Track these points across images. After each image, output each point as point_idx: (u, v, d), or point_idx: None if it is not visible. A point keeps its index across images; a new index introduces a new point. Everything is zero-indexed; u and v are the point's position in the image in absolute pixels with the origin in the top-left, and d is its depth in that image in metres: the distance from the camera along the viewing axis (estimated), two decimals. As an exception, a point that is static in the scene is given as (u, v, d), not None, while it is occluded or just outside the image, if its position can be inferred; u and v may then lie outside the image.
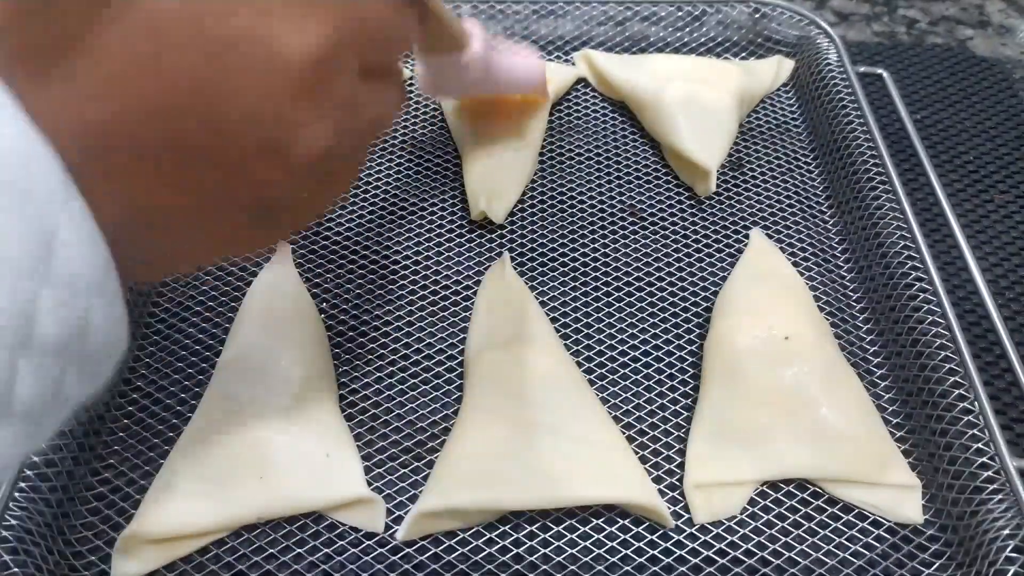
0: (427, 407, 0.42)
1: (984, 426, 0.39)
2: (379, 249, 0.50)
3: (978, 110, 0.62)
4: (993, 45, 0.70)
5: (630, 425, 0.42)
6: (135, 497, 0.38)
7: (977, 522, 0.36)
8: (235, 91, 0.21)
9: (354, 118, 0.25)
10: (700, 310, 0.47)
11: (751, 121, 0.59)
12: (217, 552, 0.37)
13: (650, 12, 0.64)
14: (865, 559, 0.37)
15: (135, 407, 0.42)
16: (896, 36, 0.71)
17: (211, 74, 0.21)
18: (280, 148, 0.23)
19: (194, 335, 0.45)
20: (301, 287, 0.47)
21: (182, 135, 0.21)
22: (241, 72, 0.21)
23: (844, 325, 0.46)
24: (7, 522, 0.35)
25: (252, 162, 0.22)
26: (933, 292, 0.44)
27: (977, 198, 0.55)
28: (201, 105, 0.21)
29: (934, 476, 0.39)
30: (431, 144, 0.57)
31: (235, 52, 0.21)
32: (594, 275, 0.49)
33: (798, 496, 0.39)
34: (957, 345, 0.42)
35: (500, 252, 0.50)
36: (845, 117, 0.55)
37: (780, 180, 0.55)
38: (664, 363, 0.44)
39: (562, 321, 0.46)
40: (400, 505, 0.39)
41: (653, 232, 0.51)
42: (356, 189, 0.54)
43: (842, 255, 0.50)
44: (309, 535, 0.38)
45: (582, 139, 0.58)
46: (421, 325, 0.46)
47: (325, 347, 0.44)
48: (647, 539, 0.38)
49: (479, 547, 0.37)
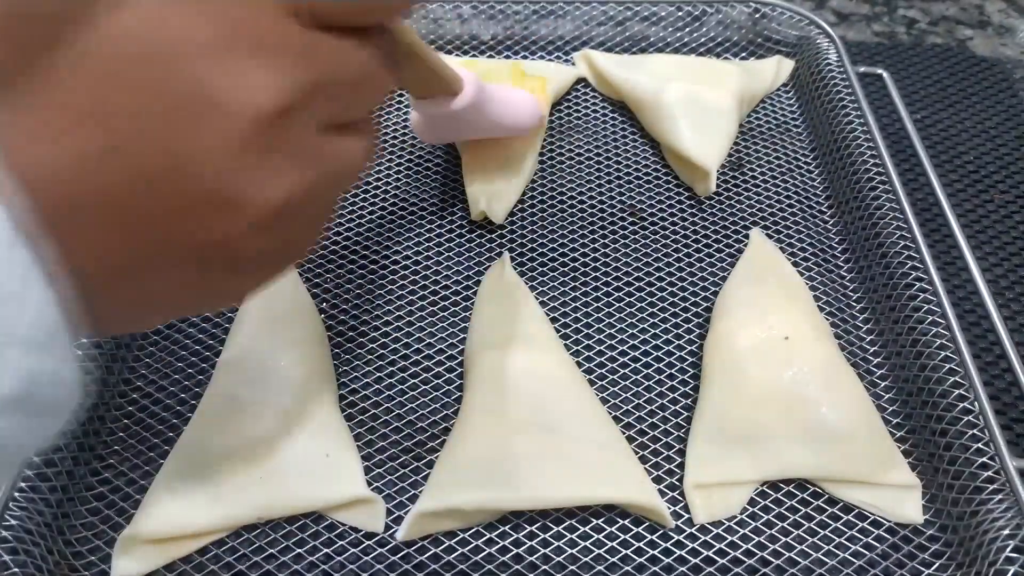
0: (427, 407, 0.42)
1: (984, 426, 0.39)
2: (379, 249, 0.50)
3: (978, 110, 0.62)
4: (993, 45, 0.70)
5: (630, 425, 0.42)
6: (135, 497, 0.38)
7: (977, 522, 0.36)
8: (182, 142, 0.20)
9: (315, 172, 0.24)
10: (700, 310, 0.47)
11: (751, 121, 0.59)
12: (217, 552, 0.37)
13: (650, 12, 0.64)
14: (865, 559, 0.37)
15: (135, 407, 0.42)
16: (896, 36, 0.71)
17: (160, 124, 0.20)
18: (231, 202, 0.22)
19: (194, 335, 0.45)
20: (301, 287, 0.47)
21: (130, 183, 0.20)
22: (189, 123, 0.20)
23: (844, 325, 0.46)
24: (7, 522, 0.35)
25: (203, 216, 0.21)
26: (933, 292, 0.44)
27: (977, 198, 0.55)
28: (149, 154, 0.20)
29: (934, 476, 0.39)
30: (431, 144, 0.57)
31: (185, 101, 0.20)
32: (594, 275, 0.49)
33: (798, 496, 0.39)
34: (957, 345, 0.42)
35: (500, 252, 0.50)
36: (845, 117, 0.55)
37: (780, 180, 0.55)
38: (664, 363, 0.44)
39: (562, 321, 0.46)
40: (400, 505, 0.39)
41: (653, 232, 0.51)
42: (356, 189, 0.54)
43: (842, 255, 0.50)
44: (309, 535, 0.38)
45: (582, 139, 0.58)
46: (421, 325, 0.46)
47: (325, 347, 0.44)
48: (647, 539, 0.38)
49: (479, 547, 0.37)
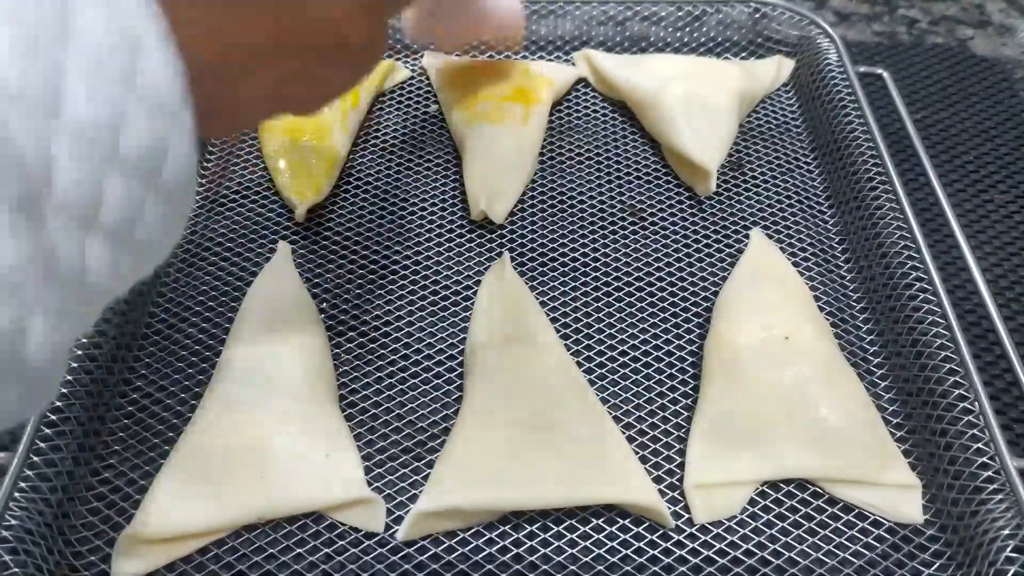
0: (427, 407, 0.42)
1: (984, 426, 0.39)
2: (379, 249, 0.50)
3: (978, 110, 0.62)
4: (993, 45, 0.70)
5: (630, 425, 0.42)
6: (135, 497, 0.38)
7: (977, 522, 0.36)
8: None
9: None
10: (700, 310, 0.47)
11: (751, 121, 0.59)
12: (217, 552, 0.37)
13: (650, 12, 0.64)
14: (865, 559, 0.37)
15: (135, 407, 0.42)
16: (896, 36, 0.71)
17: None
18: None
19: (194, 335, 0.45)
20: (301, 287, 0.47)
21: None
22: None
23: (844, 325, 0.46)
24: (7, 522, 0.35)
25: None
26: (933, 292, 0.44)
27: (977, 198, 0.55)
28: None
29: (934, 476, 0.39)
30: (431, 144, 0.57)
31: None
32: (594, 275, 0.49)
33: (798, 496, 0.39)
34: (957, 345, 0.42)
35: (500, 252, 0.50)
36: (845, 117, 0.55)
37: (780, 180, 0.55)
38: (664, 363, 0.44)
39: (562, 321, 0.46)
40: (400, 505, 0.39)
41: (653, 232, 0.51)
42: (356, 189, 0.54)
43: (842, 255, 0.50)
44: (309, 535, 0.38)
45: (582, 139, 0.58)
46: (421, 325, 0.46)
47: (325, 347, 0.44)
48: (647, 539, 0.38)
49: (479, 547, 0.37)
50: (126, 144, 0.19)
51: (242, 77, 0.24)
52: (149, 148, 0.19)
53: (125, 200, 0.19)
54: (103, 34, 0.18)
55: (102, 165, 0.18)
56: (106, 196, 0.19)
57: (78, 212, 0.19)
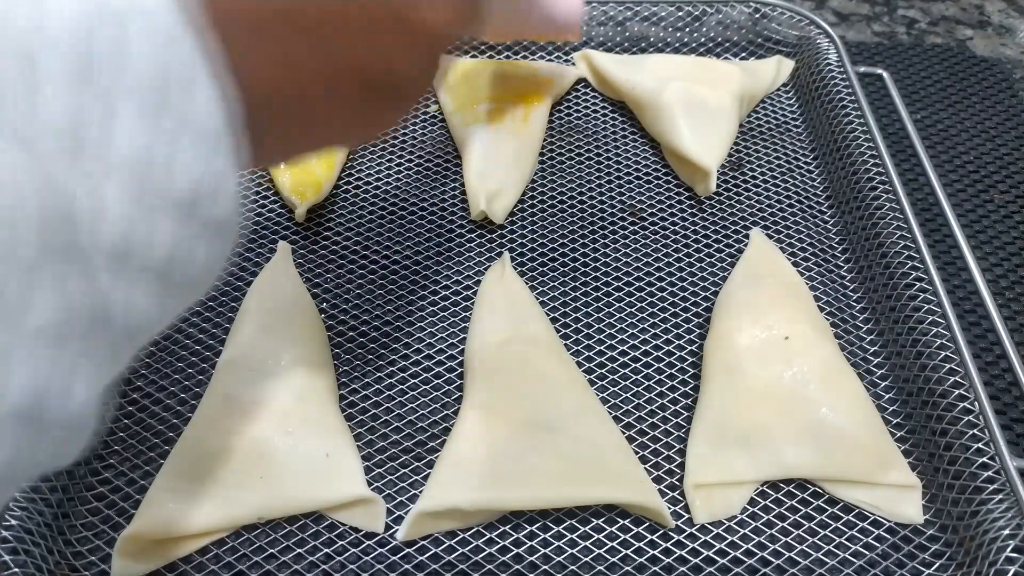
0: (427, 407, 0.42)
1: (984, 426, 0.39)
2: (379, 249, 0.50)
3: (978, 110, 0.62)
4: (993, 45, 0.70)
5: (630, 425, 0.42)
6: (135, 497, 0.38)
7: (977, 522, 0.36)
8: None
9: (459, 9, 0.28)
10: (700, 310, 0.47)
11: (751, 121, 0.59)
12: (217, 552, 0.37)
13: (650, 12, 0.64)
14: (865, 559, 0.37)
15: (135, 407, 0.42)
16: (896, 36, 0.71)
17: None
18: (408, 23, 0.25)
19: (194, 335, 0.45)
20: (301, 287, 0.47)
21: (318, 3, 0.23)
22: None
23: (844, 325, 0.46)
24: (7, 522, 0.35)
25: (382, 35, 0.25)
26: (933, 292, 0.44)
27: (977, 198, 0.55)
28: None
29: (934, 476, 0.39)
30: (431, 144, 0.57)
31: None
32: (594, 275, 0.49)
33: (798, 496, 0.39)
34: (957, 345, 0.42)
35: (500, 252, 0.50)
36: (845, 117, 0.55)
37: (780, 180, 0.55)
38: (664, 363, 0.44)
39: (562, 321, 0.46)
40: (400, 505, 0.39)
41: (653, 232, 0.51)
42: (356, 189, 0.54)
43: (842, 255, 0.50)
44: (309, 535, 0.38)
45: (582, 139, 0.58)
46: (421, 325, 0.46)
47: (325, 347, 0.44)
48: (647, 539, 0.38)
49: (479, 547, 0.37)
50: (175, 182, 0.18)
51: (297, 111, 0.24)
52: (198, 185, 0.19)
53: (173, 240, 0.19)
54: (153, 68, 0.18)
55: (151, 205, 0.18)
56: (155, 237, 0.19)
57: (126, 255, 0.18)
